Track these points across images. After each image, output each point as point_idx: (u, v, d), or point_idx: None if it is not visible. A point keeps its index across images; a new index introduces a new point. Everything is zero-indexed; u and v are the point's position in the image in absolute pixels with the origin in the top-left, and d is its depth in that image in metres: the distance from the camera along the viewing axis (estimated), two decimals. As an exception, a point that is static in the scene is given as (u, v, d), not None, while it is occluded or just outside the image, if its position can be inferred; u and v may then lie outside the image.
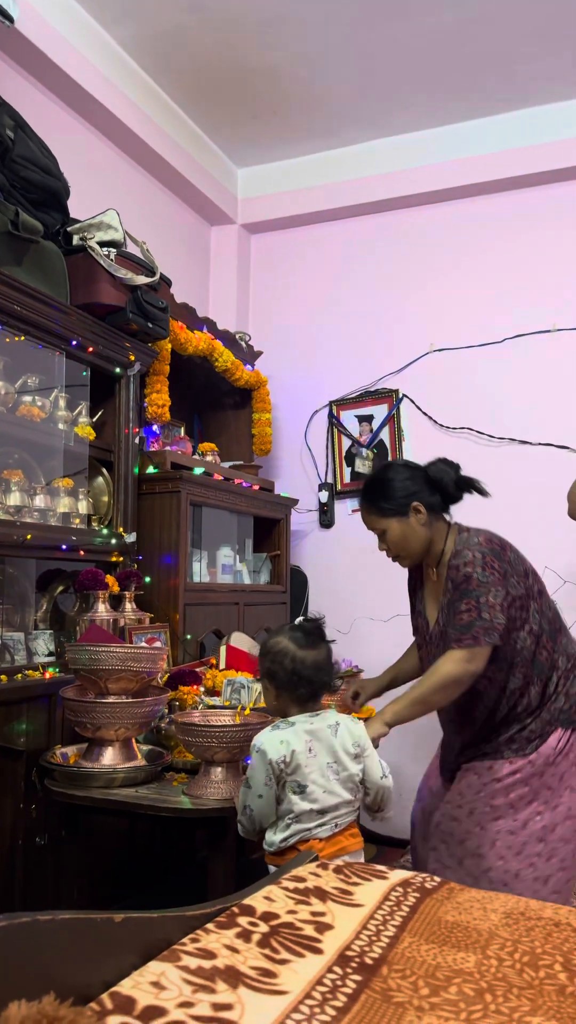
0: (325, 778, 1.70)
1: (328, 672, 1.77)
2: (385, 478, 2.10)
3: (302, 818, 1.68)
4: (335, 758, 1.72)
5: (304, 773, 1.68)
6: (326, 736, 1.72)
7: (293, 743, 1.68)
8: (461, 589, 1.95)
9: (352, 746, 1.74)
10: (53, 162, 2.51)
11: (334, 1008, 0.97)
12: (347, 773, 1.72)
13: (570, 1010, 1.00)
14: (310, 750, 1.70)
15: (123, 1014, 0.87)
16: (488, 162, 3.62)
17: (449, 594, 1.99)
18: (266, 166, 4.03)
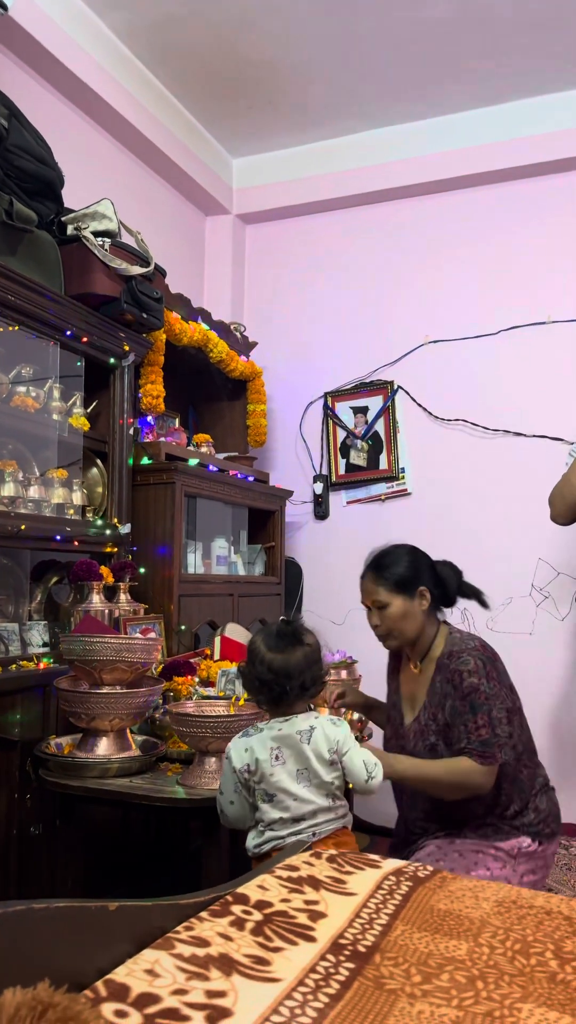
0: (296, 785, 1.64)
1: (299, 678, 1.67)
2: (400, 554, 2.09)
3: (274, 826, 1.65)
4: (306, 765, 1.65)
5: (271, 782, 1.64)
6: (295, 743, 1.65)
7: (257, 751, 1.65)
8: (469, 700, 1.91)
9: (328, 752, 1.66)
10: (47, 151, 2.49)
11: (327, 995, 0.98)
12: (319, 780, 1.65)
13: (560, 997, 1.01)
14: (276, 757, 1.65)
15: (117, 1001, 0.88)
16: (484, 153, 3.61)
17: (449, 698, 1.95)
18: (261, 156, 4.02)
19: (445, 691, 1.96)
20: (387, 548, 2.14)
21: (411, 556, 2.10)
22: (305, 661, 1.69)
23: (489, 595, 2.15)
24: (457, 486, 3.65)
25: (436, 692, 1.99)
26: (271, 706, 1.73)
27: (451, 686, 1.95)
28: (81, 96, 3.06)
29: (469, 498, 3.62)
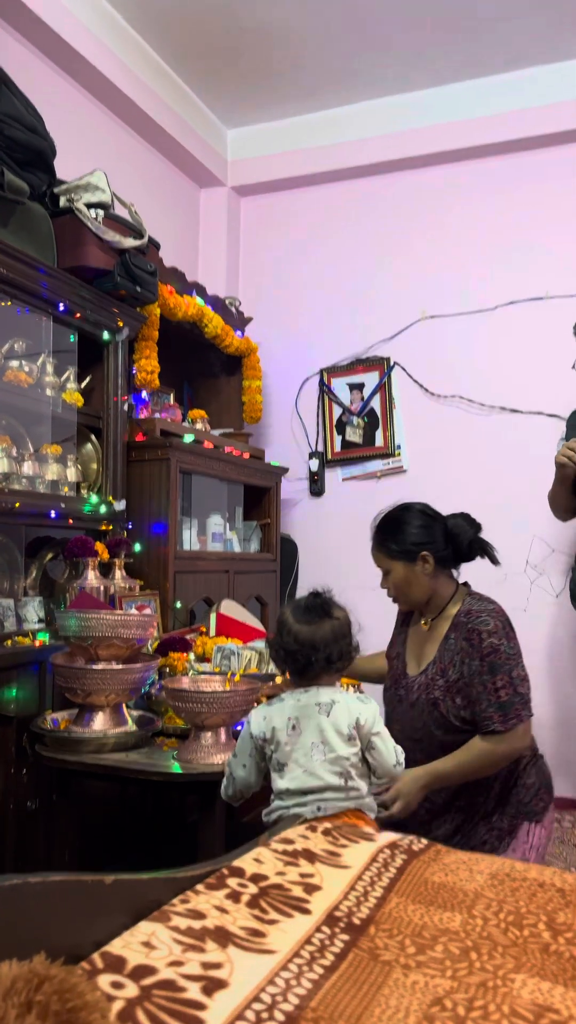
0: (308, 758, 1.64)
1: (325, 651, 1.68)
2: (400, 520, 2.07)
3: (283, 796, 1.66)
4: (323, 738, 1.64)
5: (284, 751, 1.65)
6: (313, 715, 1.65)
7: (275, 720, 1.67)
8: (489, 661, 1.90)
9: (347, 727, 1.65)
10: (39, 120, 2.45)
11: (322, 967, 0.99)
12: (335, 755, 1.63)
13: (553, 967, 1.02)
14: (293, 728, 1.65)
15: (114, 973, 0.89)
16: (482, 125, 3.56)
17: (466, 656, 1.93)
18: (257, 127, 3.96)
19: (459, 648, 1.95)
20: (391, 512, 2.11)
21: (417, 519, 2.06)
22: (332, 635, 1.70)
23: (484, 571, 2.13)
24: (453, 463, 3.64)
25: (449, 649, 1.97)
26: (296, 676, 1.73)
27: (468, 644, 1.93)
28: (73, 64, 3.00)
29: (465, 475, 3.61)
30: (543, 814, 1.98)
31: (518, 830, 1.93)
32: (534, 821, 1.95)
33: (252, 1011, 0.87)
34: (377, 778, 1.73)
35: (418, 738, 1.96)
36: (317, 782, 1.63)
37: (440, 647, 2.00)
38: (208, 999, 0.87)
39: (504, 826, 1.93)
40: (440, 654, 1.99)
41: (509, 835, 1.92)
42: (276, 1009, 0.88)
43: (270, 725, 1.67)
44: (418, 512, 2.09)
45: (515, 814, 1.94)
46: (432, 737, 1.94)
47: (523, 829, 1.93)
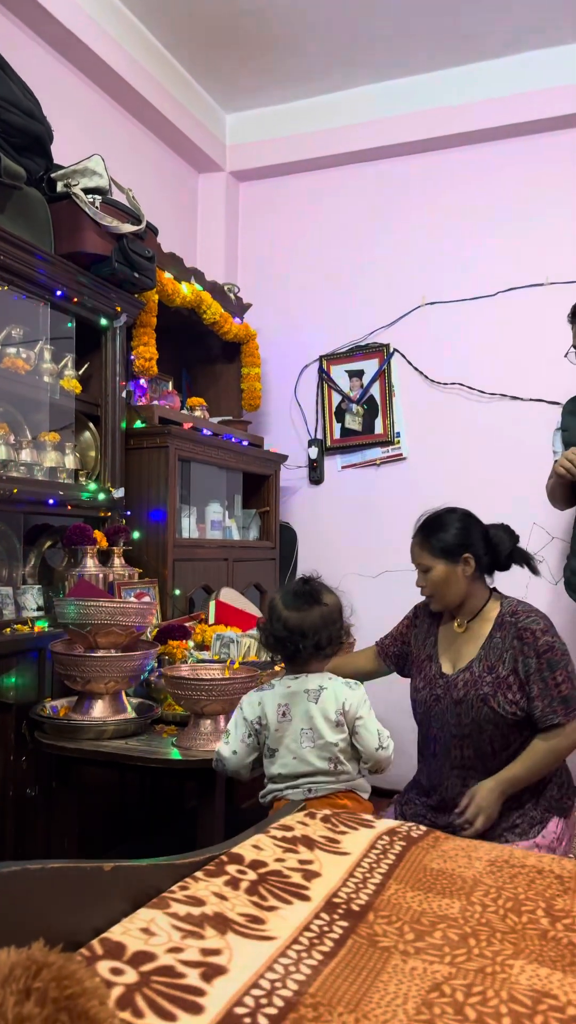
0: (297, 744, 1.67)
1: (314, 637, 1.70)
2: (446, 521, 2.11)
3: (275, 779, 1.70)
4: (311, 725, 1.67)
5: (275, 737, 1.68)
6: (302, 701, 1.68)
7: (267, 705, 1.70)
8: (547, 658, 1.95)
9: (335, 713, 1.67)
10: (36, 105, 2.42)
11: (321, 953, 0.99)
12: (323, 741, 1.67)
13: (551, 953, 1.02)
14: (283, 714, 1.68)
15: (113, 959, 0.89)
16: (482, 109, 3.53)
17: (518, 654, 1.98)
18: (256, 111, 3.92)
19: (508, 646, 2.00)
20: (437, 512, 2.15)
21: (461, 522, 2.10)
22: (321, 621, 1.72)
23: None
24: (453, 451, 3.63)
25: (495, 647, 2.02)
26: (286, 662, 1.77)
27: (520, 643, 1.98)
28: (70, 48, 2.97)
29: (465, 463, 3.60)
30: (570, 811, 2.05)
31: (548, 822, 1.98)
32: (563, 816, 2.02)
33: (251, 997, 0.87)
34: (363, 763, 1.75)
35: (466, 734, 2.00)
36: (307, 767, 1.66)
37: (484, 646, 2.04)
38: (207, 985, 0.88)
39: (536, 815, 1.98)
40: (485, 652, 2.03)
41: (540, 824, 1.97)
42: (275, 995, 0.88)
43: (263, 710, 1.70)
44: (463, 515, 2.14)
45: (547, 807, 1.99)
46: (482, 732, 1.98)
47: (553, 822, 1.98)
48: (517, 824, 1.96)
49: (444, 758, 2.04)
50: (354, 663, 2.27)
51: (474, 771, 2.00)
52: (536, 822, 1.96)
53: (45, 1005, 0.67)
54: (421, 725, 2.12)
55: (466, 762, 2.01)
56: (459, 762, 2.01)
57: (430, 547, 2.08)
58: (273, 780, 1.70)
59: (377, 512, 3.74)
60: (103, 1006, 0.71)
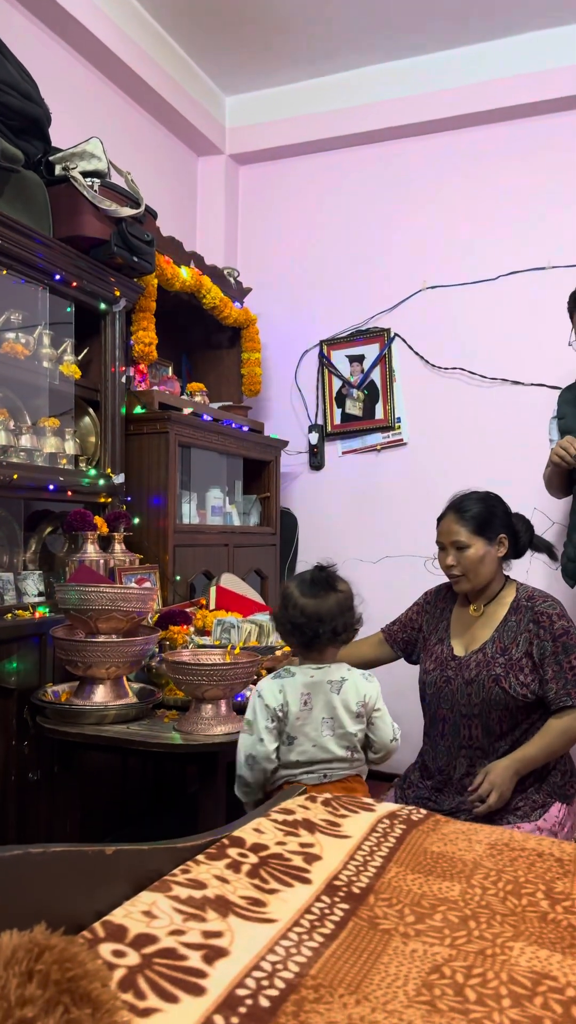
0: (318, 732, 1.70)
1: (331, 623, 1.72)
2: (488, 501, 2.15)
3: (290, 765, 1.72)
4: (332, 714, 1.71)
5: (295, 726, 1.70)
6: (325, 691, 1.72)
7: (288, 693, 1.71)
8: (563, 642, 2.00)
9: (356, 704, 1.72)
10: (33, 87, 2.40)
11: (322, 935, 1.00)
12: (344, 731, 1.71)
13: (551, 935, 1.03)
14: (305, 703, 1.71)
15: (115, 942, 0.89)
16: (485, 90, 3.49)
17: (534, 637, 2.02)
18: (255, 94, 3.88)
19: (524, 629, 2.04)
20: (471, 492, 2.18)
21: (495, 502, 2.16)
22: (337, 607, 1.75)
23: None
24: (453, 436, 3.62)
25: (509, 630, 2.06)
26: (303, 649, 1.78)
27: (536, 626, 2.03)
28: (68, 29, 2.93)
29: (465, 448, 3.60)
30: (573, 798, 2.07)
31: (551, 807, 2.00)
32: (566, 802, 2.04)
33: (252, 979, 0.87)
34: (374, 752, 1.78)
35: (475, 714, 2.03)
36: (326, 755, 1.70)
37: (498, 628, 2.08)
38: (209, 967, 0.88)
39: (539, 799, 2.00)
40: (499, 634, 2.07)
41: (542, 808, 1.99)
42: (276, 977, 0.89)
43: (285, 698, 1.71)
44: (498, 498, 2.19)
45: (550, 792, 2.02)
46: (491, 713, 2.01)
47: (555, 807, 2.01)
48: (519, 807, 1.98)
49: (452, 739, 2.06)
50: (359, 651, 2.27)
51: (481, 751, 2.03)
52: (538, 805, 1.98)
53: (47, 987, 0.67)
54: (429, 707, 2.14)
55: (473, 743, 2.04)
56: (467, 742, 2.05)
57: (469, 525, 2.09)
58: (287, 766, 1.72)
59: (378, 498, 3.74)
60: (105, 988, 0.72)
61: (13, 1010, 0.64)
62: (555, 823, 1.98)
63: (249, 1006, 0.82)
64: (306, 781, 1.70)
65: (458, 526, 2.10)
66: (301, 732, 1.70)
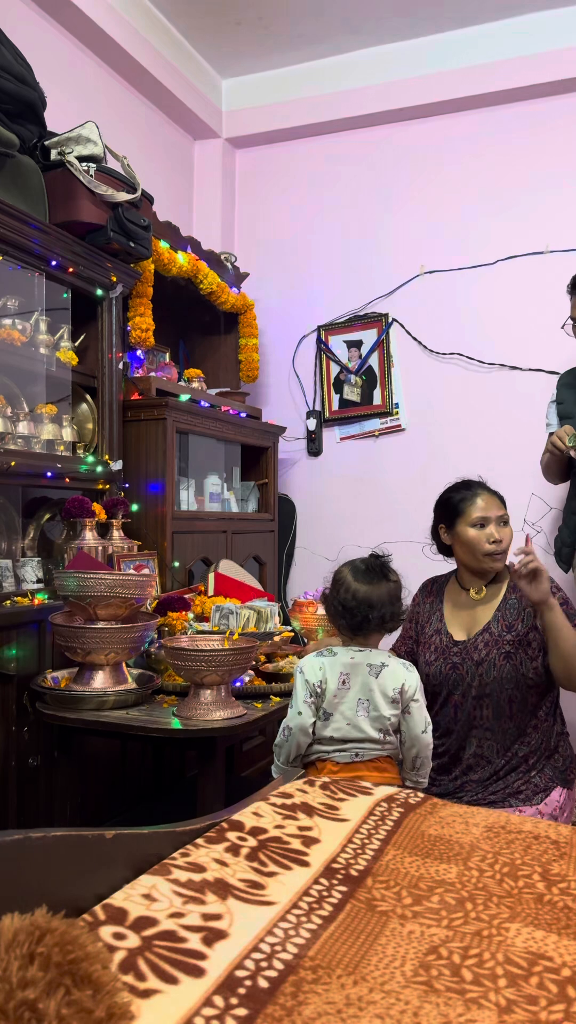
0: (353, 712, 1.75)
1: (380, 610, 1.78)
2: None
3: (324, 741, 1.77)
4: (368, 696, 1.76)
5: (332, 703, 1.76)
6: (363, 674, 1.77)
7: (328, 672, 1.78)
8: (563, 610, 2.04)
9: (392, 691, 1.76)
10: (28, 70, 2.37)
11: (320, 917, 1.01)
12: (378, 714, 1.75)
13: (547, 917, 1.04)
14: (344, 682, 1.77)
15: (115, 924, 0.90)
16: (481, 73, 3.46)
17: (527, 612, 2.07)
18: (252, 76, 3.85)
19: (526, 605, 2.07)
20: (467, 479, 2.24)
21: None
22: (388, 596, 1.81)
23: None
24: (451, 421, 3.62)
25: (511, 608, 2.10)
26: (350, 632, 1.83)
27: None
28: (62, 11, 2.90)
29: (463, 433, 3.59)
30: (573, 783, 2.10)
31: (552, 791, 2.03)
32: (567, 787, 2.07)
33: (251, 960, 0.88)
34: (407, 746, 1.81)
35: (487, 693, 2.06)
36: (359, 735, 1.75)
37: (500, 607, 2.11)
38: (208, 949, 0.89)
39: (540, 784, 2.03)
40: (501, 613, 2.10)
41: (543, 792, 2.02)
42: (275, 958, 0.90)
43: (324, 675, 1.77)
44: None
45: (552, 777, 2.05)
46: (501, 691, 2.04)
47: (556, 791, 2.03)
48: (521, 790, 2.00)
49: (464, 721, 2.09)
50: None
51: (490, 732, 2.06)
52: (540, 790, 2.01)
53: (48, 969, 0.68)
54: (437, 696, 2.15)
55: (484, 723, 2.06)
56: (478, 723, 2.07)
57: (502, 501, 2.15)
58: (321, 742, 1.77)
59: (376, 483, 3.74)
60: (106, 970, 0.72)
61: (15, 992, 0.64)
62: (556, 807, 2.01)
63: (248, 987, 0.83)
64: (338, 759, 1.75)
65: (499, 502, 2.14)
66: (337, 710, 1.76)
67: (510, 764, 2.03)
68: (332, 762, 1.76)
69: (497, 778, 2.03)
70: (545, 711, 2.07)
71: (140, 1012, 0.76)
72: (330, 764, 1.76)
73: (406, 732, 1.79)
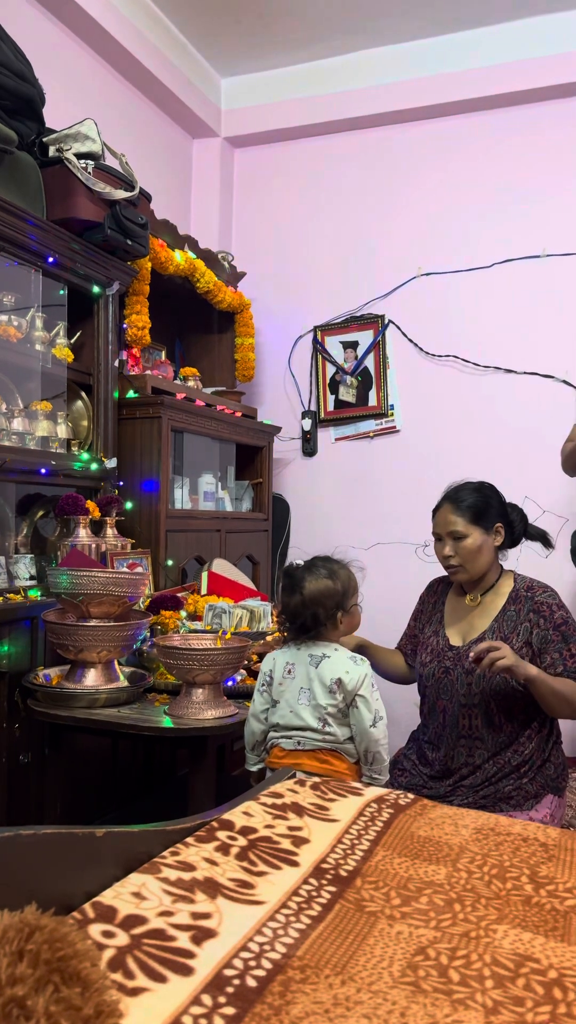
0: (295, 700, 1.81)
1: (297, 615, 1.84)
2: (483, 490, 2.15)
3: (275, 728, 1.84)
4: (308, 686, 1.81)
5: (279, 691, 1.83)
6: (305, 664, 1.83)
7: (277, 662, 1.86)
8: (562, 631, 2.03)
9: (330, 681, 1.78)
10: (27, 67, 2.37)
11: (309, 917, 1.01)
12: (316, 703, 1.79)
13: (535, 919, 1.04)
14: (288, 672, 1.84)
15: (105, 922, 0.90)
16: (481, 76, 3.48)
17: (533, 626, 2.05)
18: (252, 76, 3.85)
19: (524, 619, 2.06)
20: (467, 482, 2.19)
21: (490, 492, 2.16)
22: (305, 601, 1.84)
23: None
24: (446, 423, 3.62)
25: (509, 620, 2.08)
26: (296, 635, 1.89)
27: (536, 615, 2.06)
28: (62, 8, 2.90)
29: (458, 436, 3.60)
30: (564, 790, 2.10)
31: (543, 798, 2.03)
32: (558, 795, 2.07)
33: (240, 959, 0.89)
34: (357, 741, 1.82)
35: (475, 703, 2.04)
36: (299, 722, 1.80)
37: (497, 618, 2.09)
38: (197, 948, 0.89)
39: (532, 790, 2.02)
40: (498, 624, 2.08)
41: (534, 798, 2.01)
42: (264, 958, 0.90)
43: (273, 665, 1.86)
44: (493, 488, 2.19)
45: (543, 784, 2.04)
46: (490, 702, 2.03)
47: (548, 798, 2.04)
48: (512, 796, 2.00)
49: (452, 729, 2.08)
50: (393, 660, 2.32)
51: (480, 741, 2.05)
52: (531, 796, 2.01)
53: (38, 966, 0.68)
54: (428, 698, 2.15)
55: (473, 732, 2.05)
56: (466, 732, 2.06)
57: (466, 514, 2.10)
58: (275, 728, 1.84)
59: (371, 484, 3.75)
60: (95, 967, 0.73)
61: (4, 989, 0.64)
62: (547, 814, 2.01)
63: (236, 986, 0.83)
64: (284, 745, 1.81)
65: (455, 516, 2.10)
66: (282, 697, 1.83)
67: (502, 771, 2.03)
68: (279, 748, 1.82)
69: (489, 783, 2.03)
70: (540, 721, 2.06)
71: (128, 1010, 0.77)
72: (277, 750, 1.82)
73: (355, 726, 1.79)
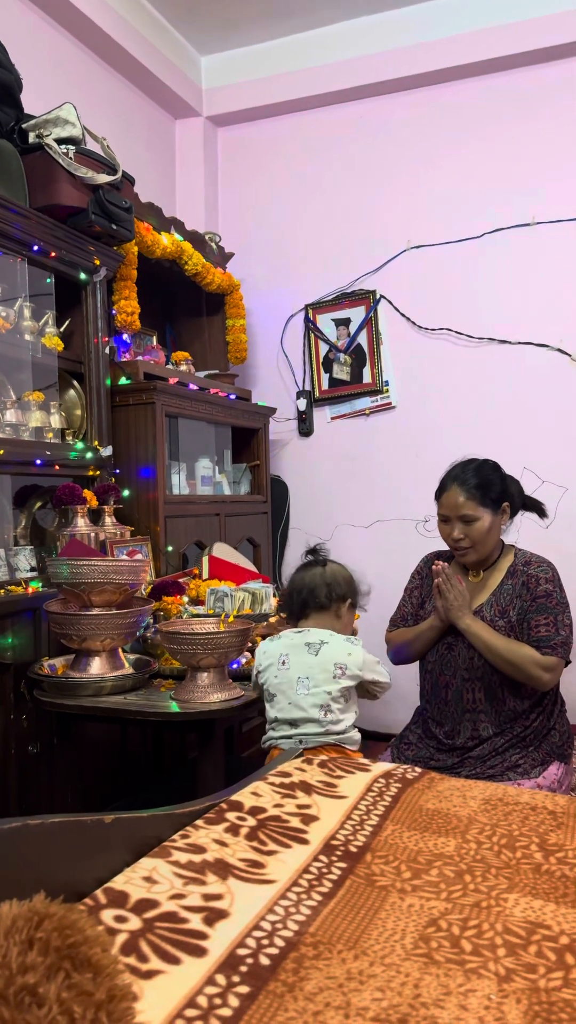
0: (293, 690, 1.78)
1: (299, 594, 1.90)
2: (490, 470, 2.13)
3: (275, 726, 1.80)
4: (308, 674, 1.79)
5: (273, 683, 1.81)
6: (302, 653, 1.81)
7: (270, 653, 1.85)
8: (539, 603, 2.03)
9: (334, 666, 1.78)
10: (3, 52, 2.34)
11: (320, 894, 1.01)
12: (319, 690, 1.76)
13: (545, 886, 1.05)
14: (283, 662, 1.82)
15: (117, 907, 0.91)
16: (465, 42, 3.42)
17: (520, 599, 2.05)
18: (231, 52, 3.79)
19: (517, 592, 2.07)
20: (472, 461, 2.16)
21: (492, 470, 2.13)
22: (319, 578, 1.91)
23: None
24: (442, 397, 3.60)
25: (505, 593, 2.09)
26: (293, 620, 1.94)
27: (525, 588, 2.06)
28: (35, -11, 2.85)
29: (454, 409, 3.59)
30: (570, 757, 2.12)
31: (550, 765, 2.04)
32: (564, 761, 2.09)
33: (253, 938, 0.89)
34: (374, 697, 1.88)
35: (478, 676, 2.06)
36: (300, 713, 1.77)
37: (495, 592, 2.10)
38: (210, 929, 0.90)
39: (538, 757, 2.04)
40: (496, 598, 2.09)
41: (541, 765, 2.03)
42: (276, 936, 0.90)
43: (266, 656, 1.85)
44: (496, 465, 2.16)
45: (549, 752, 2.06)
46: (492, 675, 2.04)
47: (554, 765, 2.05)
48: (519, 764, 2.01)
49: (456, 703, 2.09)
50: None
51: (484, 714, 2.06)
52: (538, 763, 2.02)
53: (48, 954, 0.68)
54: (430, 673, 2.16)
55: (477, 705, 2.07)
56: (471, 705, 2.07)
57: (478, 497, 2.07)
58: (272, 726, 1.81)
59: (368, 462, 3.73)
60: (105, 953, 0.73)
61: (15, 977, 0.65)
62: (554, 780, 2.02)
63: (250, 965, 0.84)
64: (284, 746, 1.77)
65: (464, 498, 2.07)
66: (279, 690, 1.81)
67: (508, 743, 2.04)
68: (279, 749, 1.77)
69: (496, 754, 2.04)
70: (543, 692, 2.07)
71: (143, 993, 0.77)
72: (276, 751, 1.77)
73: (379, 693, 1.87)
